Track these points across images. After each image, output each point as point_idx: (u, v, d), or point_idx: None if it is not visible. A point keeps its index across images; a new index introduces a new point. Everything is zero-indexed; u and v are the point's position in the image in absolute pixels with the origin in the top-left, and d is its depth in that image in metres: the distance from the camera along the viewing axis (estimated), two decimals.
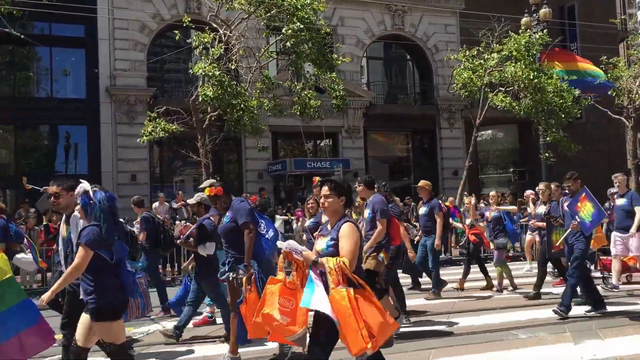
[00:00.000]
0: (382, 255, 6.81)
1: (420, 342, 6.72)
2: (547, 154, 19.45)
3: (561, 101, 18.26)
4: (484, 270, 10.69)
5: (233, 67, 15.58)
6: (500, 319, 7.89)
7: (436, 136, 26.09)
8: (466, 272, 10.61)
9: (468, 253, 10.88)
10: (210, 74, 14.15)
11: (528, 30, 19.04)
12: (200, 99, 14.76)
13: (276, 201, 21.76)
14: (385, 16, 25.31)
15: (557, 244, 8.42)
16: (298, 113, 16.60)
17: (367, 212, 7.00)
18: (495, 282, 10.43)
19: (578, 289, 8.14)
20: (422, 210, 9.92)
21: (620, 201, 9.50)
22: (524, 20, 20.25)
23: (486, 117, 19.62)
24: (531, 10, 20.58)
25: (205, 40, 14.91)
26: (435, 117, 25.81)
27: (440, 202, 10.44)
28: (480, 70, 18.40)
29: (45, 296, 4.55)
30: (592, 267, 10.58)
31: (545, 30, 19.13)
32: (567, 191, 8.47)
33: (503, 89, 18.81)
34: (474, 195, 12.82)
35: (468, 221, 11.23)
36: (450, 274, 11.88)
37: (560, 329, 7.14)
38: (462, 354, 6.12)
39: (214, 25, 15.91)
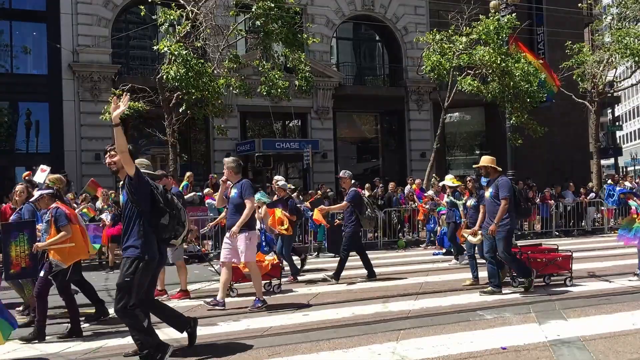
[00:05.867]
0: None
1: (388, 323, 6.77)
2: (514, 136, 19.70)
3: (527, 85, 18.46)
4: None
5: (199, 45, 15.29)
6: (467, 300, 8.01)
7: (405, 118, 26.19)
8: None
9: None
10: (176, 52, 13.86)
11: (497, 14, 19.12)
12: (163, 78, 14.47)
13: None
14: None
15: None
16: (264, 93, 16.38)
17: None
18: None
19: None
20: None
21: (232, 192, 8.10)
22: (492, 3, 20.29)
23: (454, 100, 19.74)
24: None
25: (172, 17, 14.58)
26: (404, 98, 25.89)
27: None
28: (449, 54, 18.45)
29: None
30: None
31: (514, 14, 19.25)
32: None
33: (471, 72, 18.91)
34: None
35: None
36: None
37: (525, 309, 7.29)
38: (430, 334, 6.17)
39: (181, 1, 15.55)
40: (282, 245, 10.32)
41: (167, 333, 6.07)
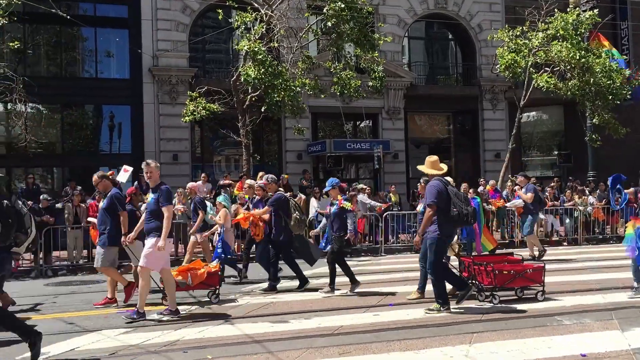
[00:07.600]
0: None
1: (460, 325, 6.67)
2: (593, 136, 18.88)
3: (609, 82, 17.64)
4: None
5: (275, 46, 15.57)
6: (544, 305, 7.75)
7: (478, 117, 25.61)
8: None
9: None
10: (256, 49, 14.14)
11: (577, 9, 18.39)
12: (242, 79, 14.82)
13: (315, 182, 21.78)
14: None
15: None
16: (338, 93, 16.50)
17: None
18: None
19: None
20: None
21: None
22: None
23: (530, 98, 19.14)
24: None
25: (247, 19, 14.93)
26: (477, 97, 25.32)
27: None
28: (525, 50, 17.90)
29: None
30: None
31: (596, 10, 18.44)
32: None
33: (548, 69, 18.28)
34: None
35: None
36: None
37: (607, 315, 6.99)
38: (505, 338, 6.03)
39: (256, 4, 15.90)
40: (260, 252, 9.84)
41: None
